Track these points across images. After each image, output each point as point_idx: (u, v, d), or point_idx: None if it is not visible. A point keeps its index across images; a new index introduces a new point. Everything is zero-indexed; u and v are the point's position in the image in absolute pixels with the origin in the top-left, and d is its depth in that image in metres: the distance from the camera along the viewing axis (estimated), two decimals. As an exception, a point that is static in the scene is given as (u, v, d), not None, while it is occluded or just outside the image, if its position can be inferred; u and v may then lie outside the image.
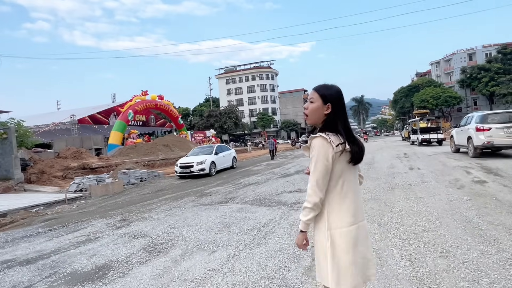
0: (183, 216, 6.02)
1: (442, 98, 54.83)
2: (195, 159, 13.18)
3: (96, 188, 10.54)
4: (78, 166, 15.73)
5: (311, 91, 1.73)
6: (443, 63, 67.35)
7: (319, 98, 1.67)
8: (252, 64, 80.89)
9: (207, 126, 56.13)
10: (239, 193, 8.32)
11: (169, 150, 23.97)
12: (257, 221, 5.19)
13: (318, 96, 1.68)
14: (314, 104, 1.68)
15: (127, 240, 4.68)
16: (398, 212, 4.99)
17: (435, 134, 19.84)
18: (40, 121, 34.85)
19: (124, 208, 7.55)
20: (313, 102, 1.68)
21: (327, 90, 1.68)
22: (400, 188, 6.95)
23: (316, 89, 1.71)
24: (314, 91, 1.71)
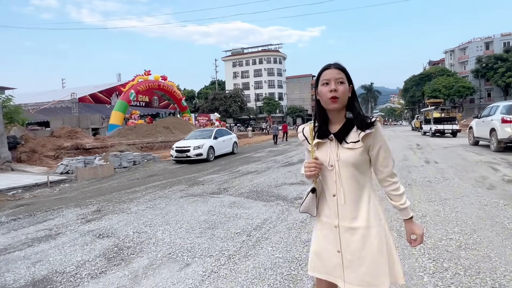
0: (165, 210, 5.19)
1: (454, 88, 52.90)
2: (192, 143, 12.32)
3: (83, 171, 9.78)
4: (72, 146, 14.99)
5: (333, 70, 1.38)
6: (458, 51, 64.82)
7: (346, 79, 1.39)
8: (260, 47, 78.85)
9: (212, 109, 55.13)
10: (234, 183, 7.47)
11: (169, 132, 23.15)
12: (249, 221, 4.34)
13: (345, 76, 1.39)
14: (345, 85, 1.38)
15: (89, 240, 3.86)
16: (421, 218, 4.09)
17: (450, 125, 18.68)
18: (43, 99, 34.15)
19: (105, 196, 6.76)
20: (343, 83, 1.38)
21: (346, 69, 1.42)
22: (418, 186, 6.02)
23: (341, 68, 1.40)
24: (339, 70, 1.38)
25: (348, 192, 1.36)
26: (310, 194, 1.45)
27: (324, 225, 1.44)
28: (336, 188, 1.37)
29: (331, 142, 1.38)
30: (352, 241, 1.36)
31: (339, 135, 1.36)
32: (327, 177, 1.40)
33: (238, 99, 57.65)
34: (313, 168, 1.38)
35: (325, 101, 1.36)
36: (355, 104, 1.40)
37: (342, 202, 1.36)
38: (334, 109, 1.36)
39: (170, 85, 32.74)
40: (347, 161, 1.34)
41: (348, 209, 1.36)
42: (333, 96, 1.33)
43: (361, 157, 1.34)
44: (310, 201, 1.45)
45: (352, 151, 1.33)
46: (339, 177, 1.36)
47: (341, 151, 1.35)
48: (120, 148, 13.25)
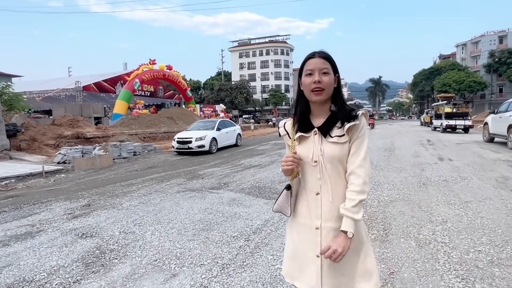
0: (159, 206, 4.80)
1: (465, 83, 51.62)
2: (195, 134, 11.91)
3: (80, 161, 9.45)
4: (72, 135, 14.71)
5: (318, 60, 1.26)
6: (470, 45, 63.16)
7: (331, 69, 1.27)
8: (267, 38, 77.69)
9: (217, 100, 54.64)
10: (236, 177, 7.06)
11: (173, 123, 22.80)
12: (249, 222, 3.92)
13: (330, 66, 1.27)
14: (330, 76, 1.27)
15: (70, 240, 3.49)
16: (441, 224, 3.63)
17: (462, 121, 17.99)
18: (48, 87, 33.99)
19: (99, 188, 6.40)
20: (328, 74, 1.26)
21: (332, 58, 1.29)
22: (434, 185, 5.55)
23: (325, 57, 1.28)
24: (324, 60, 1.27)
25: (335, 189, 1.26)
26: (284, 191, 1.33)
27: (302, 227, 1.32)
28: (320, 186, 1.27)
29: (315, 136, 1.29)
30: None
31: (323, 129, 1.28)
32: (309, 174, 1.29)
33: (244, 91, 57.03)
34: (290, 162, 1.27)
35: (308, 93, 1.28)
36: (340, 96, 1.31)
37: (329, 201, 1.25)
38: (317, 101, 1.28)
39: (175, 75, 32.33)
40: (332, 156, 1.25)
41: (333, 208, 1.25)
42: (317, 87, 1.24)
43: (344, 151, 1.26)
44: (284, 199, 1.33)
45: (337, 145, 1.25)
46: (323, 174, 1.26)
47: (325, 146, 1.26)
48: (120, 138, 12.90)
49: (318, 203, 1.27)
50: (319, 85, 1.23)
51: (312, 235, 1.27)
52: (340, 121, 1.27)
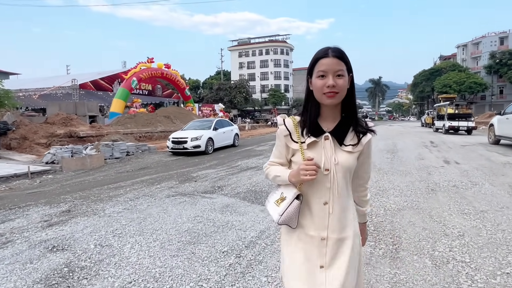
0: (144, 213, 4.38)
1: (466, 84, 51.31)
2: (190, 134, 11.49)
3: (69, 161, 9.02)
4: (65, 133, 14.27)
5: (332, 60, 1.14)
6: (471, 46, 62.83)
7: (345, 70, 1.17)
8: (267, 38, 77.25)
9: (216, 99, 54.18)
10: (231, 180, 6.65)
11: (170, 122, 22.36)
12: (242, 234, 3.52)
13: (345, 67, 1.17)
14: (345, 78, 1.16)
15: (37, 254, 3.07)
16: (458, 238, 3.23)
17: (465, 122, 17.59)
18: (45, 84, 33.51)
19: (84, 192, 5.98)
20: (343, 76, 1.16)
21: (347, 56, 1.19)
22: (443, 191, 5.14)
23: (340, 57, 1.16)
24: (338, 60, 1.15)
25: (342, 199, 1.22)
26: (296, 201, 1.21)
27: (306, 238, 1.24)
28: (329, 195, 1.20)
29: (325, 141, 1.20)
30: (340, 253, 1.21)
31: (338, 135, 1.20)
32: (318, 182, 1.21)
33: (243, 90, 56.58)
34: (314, 172, 1.15)
35: (320, 96, 1.18)
36: (353, 100, 1.22)
37: (336, 211, 1.21)
38: (330, 104, 1.18)
39: (173, 73, 31.92)
40: (347, 166, 1.20)
41: (338, 218, 1.22)
42: (330, 91, 1.14)
43: (356, 162, 1.23)
44: (295, 210, 1.21)
45: (351, 155, 1.20)
46: (334, 183, 1.19)
47: (339, 154, 1.19)
48: (113, 137, 12.48)
49: (325, 213, 1.20)
50: (333, 90, 1.14)
51: (316, 246, 1.21)
52: (353, 129, 1.21)
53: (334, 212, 1.20)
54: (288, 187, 1.24)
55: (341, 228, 1.21)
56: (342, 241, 1.21)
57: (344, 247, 1.21)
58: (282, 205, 1.22)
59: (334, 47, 1.17)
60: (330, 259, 1.20)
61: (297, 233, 1.25)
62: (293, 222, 1.23)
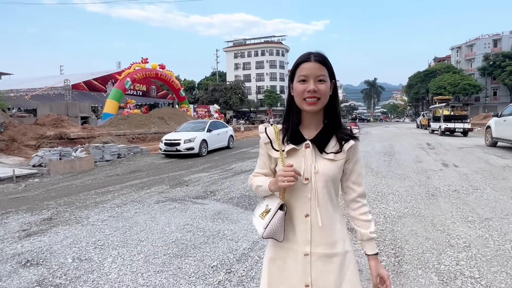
0: (131, 221, 4.13)
1: (460, 86, 51.63)
2: (183, 135, 11.23)
3: (57, 164, 8.72)
4: (55, 135, 13.92)
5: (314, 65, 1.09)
6: (465, 48, 63.27)
7: (327, 76, 1.11)
8: (263, 39, 77.14)
9: (212, 100, 53.87)
10: (224, 184, 6.42)
11: (164, 123, 22.06)
12: (233, 245, 3.28)
13: (327, 72, 1.11)
14: (326, 83, 1.11)
15: (8, 270, 2.81)
16: (464, 250, 3.02)
17: (461, 123, 17.52)
18: (38, 85, 32.96)
19: (69, 197, 5.70)
20: (325, 81, 1.10)
21: (329, 62, 1.13)
22: (444, 197, 4.95)
23: (322, 61, 1.10)
24: (320, 65, 1.10)
25: (325, 211, 1.11)
26: (280, 212, 1.10)
27: (289, 253, 1.14)
28: (310, 207, 1.11)
29: (306, 149, 1.13)
30: (327, 272, 1.10)
31: (318, 143, 1.13)
32: (298, 193, 1.12)
33: (238, 91, 56.32)
34: (292, 178, 1.05)
35: (300, 102, 1.12)
36: (336, 106, 1.16)
37: (318, 224, 1.10)
38: (311, 111, 1.12)
39: (168, 74, 31.63)
40: (327, 174, 1.11)
41: (323, 232, 1.11)
42: (311, 97, 1.08)
43: (340, 171, 1.14)
44: (279, 221, 1.10)
45: (333, 163, 1.12)
46: (315, 194, 1.10)
47: (319, 162, 1.11)
48: (104, 139, 12.17)
49: (307, 227, 1.12)
50: (314, 95, 1.09)
51: (300, 262, 1.12)
52: (335, 136, 1.14)
53: (318, 224, 1.11)
54: (272, 198, 1.17)
55: (327, 243, 1.12)
56: (329, 258, 1.12)
57: (332, 265, 1.12)
58: (266, 218, 1.13)
59: (317, 52, 1.12)
60: (315, 278, 1.11)
61: (280, 248, 1.16)
62: (278, 235, 1.13)
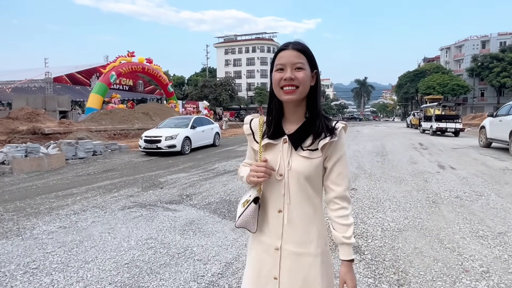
0: (83, 234, 3.46)
1: (449, 86, 52.04)
2: (165, 132, 10.51)
3: (21, 162, 7.92)
4: (28, 130, 12.99)
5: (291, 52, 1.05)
6: (454, 49, 63.82)
7: (307, 64, 1.06)
8: (254, 35, 76.37)
9: (201, 97, 52.92)
10: (204, 187, 5.78)
11: (148, 119, 21.19)
12: (202, 268, 2.66)
13: (306, 60, 1.06)
14: (305, 71, 1.05)
15: None
16: (483, 278, 2.46)
17: (453, 123, 17.23)
18: (21, 77, 31.52)
19: (24, 200, 4.98)
20: (303, 69, 1.05)
21: (310, 50, 1.08)
22: (447, 204, 4.43)
23: (300, 49, 1.06)
24: (298, 52, 1.05)
25: (297, 210, 1.08)
26: (252, 204, 1.11)
27: (262, 246, 1.14)
28: (283, 203, 1.09)
29: (284, 145, 1.09)
30: (295, 269, 1.09)
31: (295, 138, 1.08)
32: (273, 188, 1.11)
33: (228, 88, 55.50)
34: (263, 174, 1.05)
35: (278, 91, 1.07)
36: (317, 97, 1.10)
37: (291, 221, 1.09)
38: (289, 101, 1.06)
39: (155, 68, 30.70)
40: (300, 172, 1.06)
41: (296, 230, 1.09)
42: (288, 85, 1.03)
43: (317, 170, 1.08)
44: (251, 213, 1.11)
45: (307, 160, 1.06)
46: (288, 190, 1.08)
47: (294, 159, 1.07)
48: (79, 135, 11.36)
49: (279, 222, 1.10)
50: (291, 82, 1.03)
51: (271, 255, 1.11)
52: (315, 131, 1.07)
53: (289, 222, 1.09)
54: (254, 190, 1.13)
55: (298, 241, 1.08)
56: (298, 256, 1.08)
57: (300, 264, 1.08)
58: (245, 207, 1.12)
59: (296, 41, 1.08)
60: (284, 272, 1.09)
61: (256, 240, 1.16)
62: (250, 226, 1.13)
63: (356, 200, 4.71)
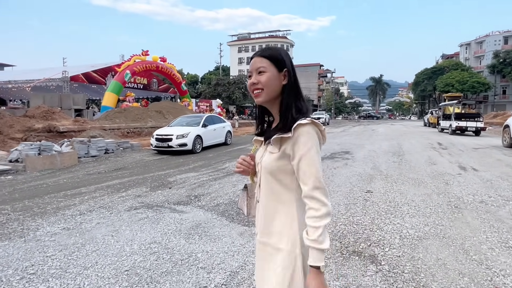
0: (86, 237, 3.35)
1: (468, 83, 50.29)
2: (176, 130, 10.43)
3: (34, 160, 7.98)
4: (43, 128, 13.19)
5: (256, 59, 1.16)
6: (474, 45, 61.72)
7: (271, 65, 1.13)
8: (267, 33, 75.96)
9: (214, 95, 53.04)
10: (213, 187, 5.63)
11: (161, 117, 21.28)
12: (205, 277, 2.49)
13: (269, 62, 1.14)
14: (267, 73, 1.13)
15: None
16: (517, 295, 2.21)
17: (474, 122, 16.54)
18: (38, 76, 32.32)
19: (33, 199, 4.95)
20: (265, 72, 1.13)
21: (276, 52, 1.17)
22: (471, 210, 4.12)
23: (262, 55, 1.15)
24: (261, 58, 1.15)
25: (263, 202, 1.16)
26: (241, 191, 1.35)
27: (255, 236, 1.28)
28: (259, 195, 1.19)
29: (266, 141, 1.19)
30: (260, 258, 1.17)
31: (267, 135, 1.18)
32: (258, 180, 1.22)
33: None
34: (239, 165, 1.25)
35: (252, 96, 1.18)
36: (285, 96, 1.14)
37: (261, 212, 1.17)
38: (259, 103, 1.18)
39: (169, 67, 30.90)
40: (263, 166, 1.14)
41: (263, 221, 1.16)
42: (254, 89, 1.14)
43: (278, 165, 1.10)
44: (241, 198, 1.34)
45: (271, 155, 1.12)
46: (259, 183, 1.18)
47: (265, 154, 1.15)
48: (92, 133, 11.43)
49: (259, 213, 1.19)
50: (255, 86, 1.14)
51: (256, 244, 1.22)
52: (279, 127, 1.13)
53: (260, 212, 1.17)
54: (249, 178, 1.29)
55: (263, 232, 1.15)
56: (264, 245, 1.15)
57: (264, 252, 1.15)
58: None
59: (264, 48, 1.18)
60: (257, 260, 1.20)
61: None
62: (244, 209, 1.31)
63: (371, 203, 4.45)
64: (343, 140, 14.11)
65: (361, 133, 18.81)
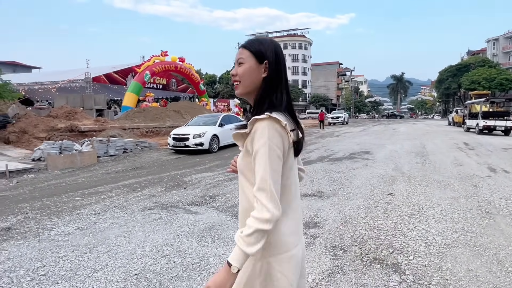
0: (99, 238, 3.32)
1: (496, 81, 48.06)
2: (193, 130, 10.44)
3: (56, 158, 8.15)
4: (66, 127, 13.54)
5: (239, 50, 1.13)
6: (503, 40, 58.98)
7: (251, 56, 1.08)
8: (285, 32, 75.48)
9: (232, 95, 53.25)
10: (228, 188, 5.53)
11: (180, 117, 21.47)
12: (216, 283, 2.38)
13: (249, 53, 1.09)
14: (246, 65, 1.08)
15: None
16: None
17: (503, 121, 15.71)
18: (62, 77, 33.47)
19: (51, 198, 5.02)
20: (243, 63, 1.09)
21: (259, 45, 1.10)
22: (504, 216, 3.82)
23: (244, 46, 1.12)
24: (241, 49, 1.12)
25: (240, 202, 1.13)
26: None
27: None
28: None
29: None
30: None
31: None
32: None
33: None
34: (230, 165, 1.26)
35: None
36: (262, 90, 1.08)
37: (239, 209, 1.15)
38: (238, 95, 1.14)
39: (187, 67, 31.20)
40: (238, 164, 1.11)
41: (240, 218, 1.12)
42: (234, 81, 1.12)
43: (243, 163, 1.07)
44: None
45: (241, 152, 1.10)
46: None
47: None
48: (111, 132, 11.61)
49: None
50: (234, 78, 1.12)
51: None
52: None
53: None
54: None
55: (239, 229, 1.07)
56: None
57: None
58: None
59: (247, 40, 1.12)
60: None
61: None
62: None
63: (393, 207, 4.22)
64: (363, 140, 13.73)
65: (382, 133, 18.28)
